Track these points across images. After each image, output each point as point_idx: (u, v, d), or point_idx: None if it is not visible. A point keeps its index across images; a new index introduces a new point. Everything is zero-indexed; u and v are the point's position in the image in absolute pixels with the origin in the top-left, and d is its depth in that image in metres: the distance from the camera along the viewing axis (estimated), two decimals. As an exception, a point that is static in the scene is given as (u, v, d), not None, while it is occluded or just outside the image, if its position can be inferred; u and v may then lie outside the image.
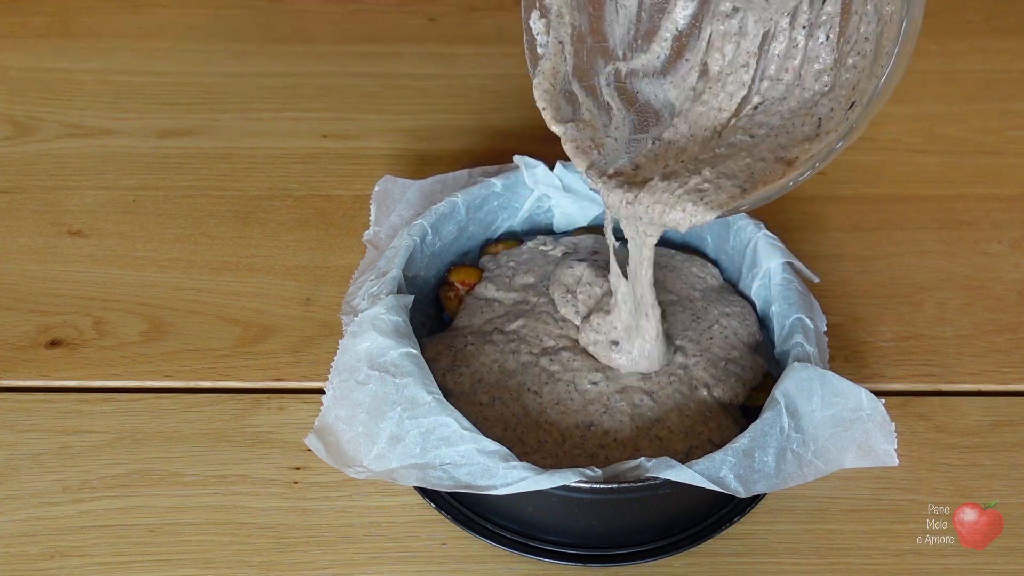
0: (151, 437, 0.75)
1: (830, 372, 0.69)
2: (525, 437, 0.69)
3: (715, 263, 0.81)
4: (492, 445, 0.64)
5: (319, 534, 0.71)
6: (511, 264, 0.79)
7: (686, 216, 0.59)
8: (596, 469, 0.64)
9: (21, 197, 0.91)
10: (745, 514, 0.70)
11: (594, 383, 0.71)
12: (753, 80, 0.61)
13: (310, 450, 0.73)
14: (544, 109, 0.64)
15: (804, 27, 0.58)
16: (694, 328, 0.75)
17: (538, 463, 0.66)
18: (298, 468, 0.74)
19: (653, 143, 0.63)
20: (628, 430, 0.69)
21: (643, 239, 0.65)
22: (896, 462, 0.69)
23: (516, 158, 0.81)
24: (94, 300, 0.84)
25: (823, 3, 0.55)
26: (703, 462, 0.64)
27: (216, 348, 0.81)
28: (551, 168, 0.81)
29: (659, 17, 0.63)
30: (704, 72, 0.63)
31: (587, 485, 0.63)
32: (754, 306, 0.77)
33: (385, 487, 0.72)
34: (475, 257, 0.82)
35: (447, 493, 0.70)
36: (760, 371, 0.74)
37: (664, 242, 0.83)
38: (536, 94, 0.64)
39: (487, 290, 0.78)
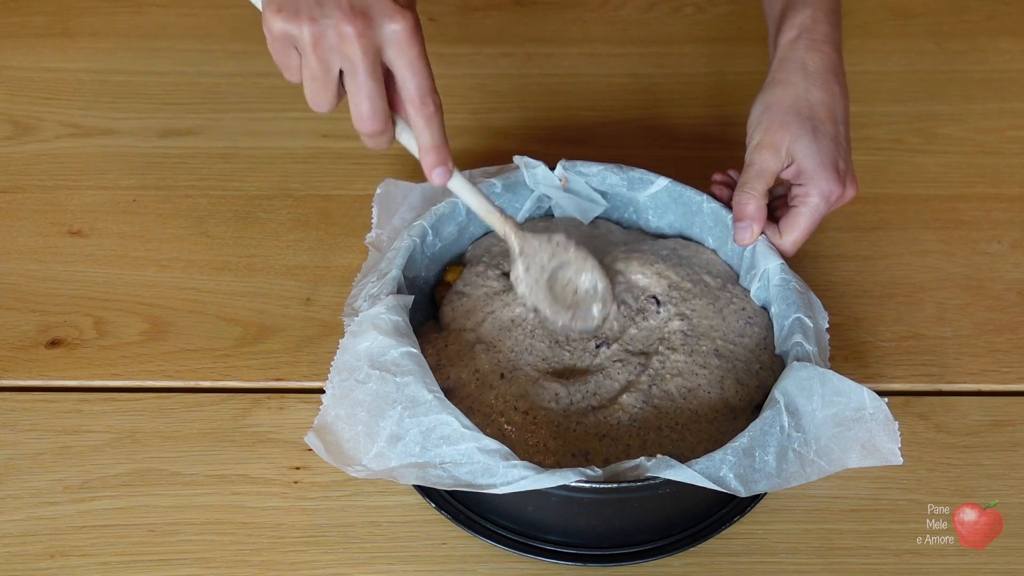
0: (151, 437, 0.75)
1: (831, 371, 0.68)
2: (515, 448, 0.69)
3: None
4: (492, 444, 0.64)
5: (319, 534, 0.71)
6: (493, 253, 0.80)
7: None
8: (596, 469, 0.64)
9: (21, 197, 0.91)
10: (745, 514, 0.70)
11: (595, 408, 0.71)
12: None
13: (310, 450, 0.73)
14: None
15: None
16: (711, 320, 0.75)
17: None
18: (298, 468, 0.74)
19: None
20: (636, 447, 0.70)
21: None
22: (900, 461, 0.69)
23: (516, 158, 0.81)
24: (94, 300, 0.84)
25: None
26: (703, 461, 0.64)
27: (216, 348, 0.81)
28: (551, 168, 0.81)
29: None
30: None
31: (587, 484, 0.63)
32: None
33: (385, 487, 0.72)
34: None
35: (447, 492, 0.70)
36: (774, 372, 0.74)
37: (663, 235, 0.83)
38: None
39: (459, 284, 0.78)
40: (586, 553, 0.69)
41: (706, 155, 0.95)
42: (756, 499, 0.71)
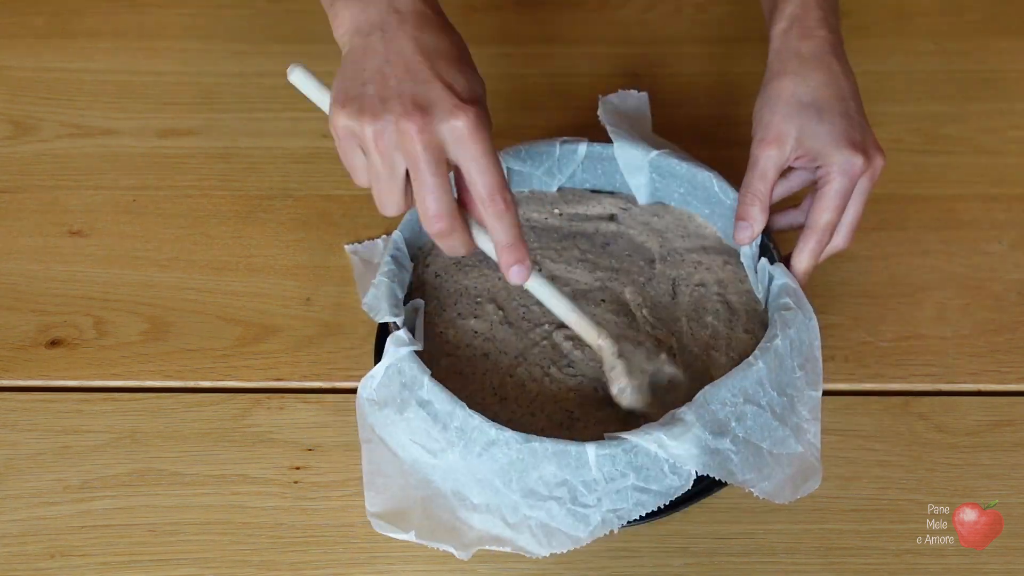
0: (151, 437, 0.75)
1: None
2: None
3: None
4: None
5: (319, 534, 0.71)
6: None
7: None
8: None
9: (21, 197, 0.91)
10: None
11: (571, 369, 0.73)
12: None
13: (310, 450, 0.74)
14: None
15: None
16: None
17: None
18: (298, 468, 0.74)
19: None
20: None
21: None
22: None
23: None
24: (94, 300, 0.84)
25: None
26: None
27: (216, 348, 0.81)
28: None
29: None
30: None
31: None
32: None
33: (385, 487, 0.73)
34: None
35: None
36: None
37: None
38: None
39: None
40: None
41: (706, 155, 0.95)
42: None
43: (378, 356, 0.72)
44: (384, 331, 0.73)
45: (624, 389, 0.69)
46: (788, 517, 0.72)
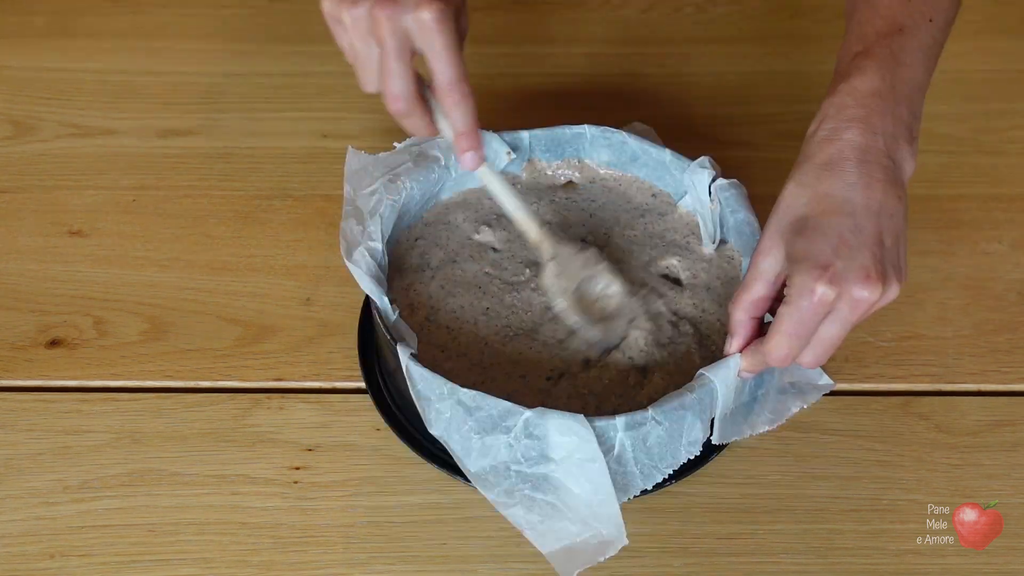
0: (151, 437, 0.75)
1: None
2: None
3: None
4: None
5: (319, 534, 0.71)
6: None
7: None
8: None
9: (21, 197, 0.91)
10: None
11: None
12: None
13: (310, 450, 0.73)
14: None
15: None
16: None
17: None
18: (298, 468, 0.74)
19: None
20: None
21: None
22: (832, 382, 0.71)
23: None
24: (94, 300, 0.84)
25: None
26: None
27: (216, 348, 0.81)
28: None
29: None
30: None
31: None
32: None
33: (384, 486, 0.72)
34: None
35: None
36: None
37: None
38: None
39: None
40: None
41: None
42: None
43: (362, 343, 0.76)
44: (367, 314, 0.73)
45: (552, 283, 0.75)
46: (788, 517, 0.72)
